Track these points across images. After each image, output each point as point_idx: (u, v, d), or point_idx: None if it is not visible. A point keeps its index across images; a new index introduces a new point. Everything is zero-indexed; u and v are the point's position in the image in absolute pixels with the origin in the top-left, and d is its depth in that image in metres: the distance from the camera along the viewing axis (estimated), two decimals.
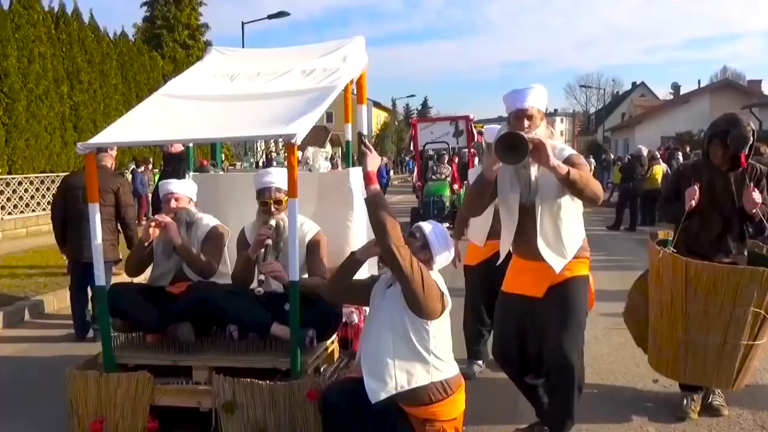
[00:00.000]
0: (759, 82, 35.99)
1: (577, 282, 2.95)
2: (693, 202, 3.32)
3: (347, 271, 2.82)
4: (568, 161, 2.78)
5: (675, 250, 3.40)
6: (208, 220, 3.81)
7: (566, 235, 2.89)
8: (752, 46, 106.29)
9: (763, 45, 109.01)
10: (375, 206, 2.51)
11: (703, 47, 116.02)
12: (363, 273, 3.12)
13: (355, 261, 2.80)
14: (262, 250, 3.42)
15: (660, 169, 12.80)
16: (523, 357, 3.07)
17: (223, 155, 18.05)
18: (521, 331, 3.01)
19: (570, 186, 2.66)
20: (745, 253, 3.50)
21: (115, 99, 16.03)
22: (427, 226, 2.69)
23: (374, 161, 2.58)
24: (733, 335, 3.26)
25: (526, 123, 2.80)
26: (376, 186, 2.54)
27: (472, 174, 4.33)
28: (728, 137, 3.28)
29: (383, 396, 2.53)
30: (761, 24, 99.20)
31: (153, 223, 3.53)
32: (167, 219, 3.53)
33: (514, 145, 2.54)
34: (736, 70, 54.27)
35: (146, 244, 3.61)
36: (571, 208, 2.92)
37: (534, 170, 2.81)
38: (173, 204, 3.74)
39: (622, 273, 7.92)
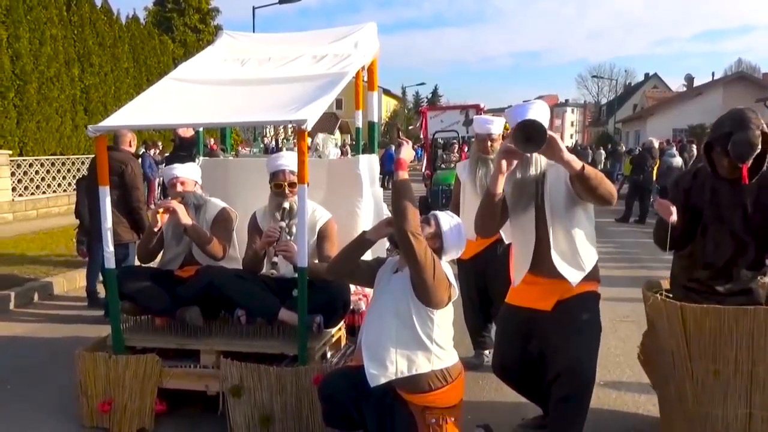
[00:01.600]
0: None
1: (590, 297, 2.82)
2: (673, 218, 2.71)
3: (355, 251, 2.80)
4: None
5: (668, 294, 2.82)
6: (217, 204, 3.81)
7: (581, 246, 2.77)
8: (767, 38, 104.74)
9: None
10: (400, 191, 2.52)
11: (718, 39, 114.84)
12: (367, 255, 3.10)
13: (365, 240, 2.78)
14: (276, 234, 3.42)
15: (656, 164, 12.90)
16: (525, 370, 2.98)
17: (232, 140, 18.06)
18: (524, 345, 2.92)
19: (584, 182, 2.52)
20: (761, 279, 2.79)
21: (125, 82, 16.06)
22: (443, 217, 2.67)
23: (408, 151, 2.69)
24: (761, 405, 2.51)
25: None
26: (405, 173, 2.60)
27: (461, 168, 4.24)
28: (729, 142, 2.60)
29: (383, 381, 2.54)
30: None
31: (161, 210, 3.53)
32: (174, 203, 3.54)
33: (529, 137, 2.48)
34: (751, 62, 53.57)
35: (155, 230, 3.62)
36: (585, 220, 2.79)
37: (545, 182, 2.72)
38: (179, 188, 3.74)
39: (630, 264, 7.95)
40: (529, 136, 2.49)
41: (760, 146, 2.59)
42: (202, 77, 3.84)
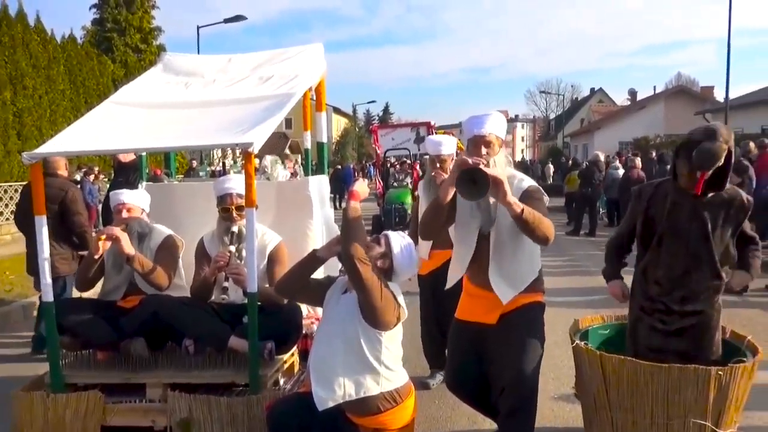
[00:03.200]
0: (711, 88, 37.48)
1: (533, 308, 2.91)
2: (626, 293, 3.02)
3: (306, 269, 2.82)
4: (525, 194, 2.75)
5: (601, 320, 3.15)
6: (162, 231, 3.75)
7: (519, 266, 2.87)
8: (704, 53, 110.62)
9: (715, 51, 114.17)
10: (349, 218, 2.61)
11: (659, 53, 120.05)
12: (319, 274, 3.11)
13: (315, 258, 2.81)
14: (225, 259, 3.40)
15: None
16: (479, 386, 3.02)
17: (195, 164, 17.73)
18: (475, 360, 2.97)
19: (521, 224, 2.63)
20: (718, 302, 2.87)
21: (62, 105, 15.59)
22: (395, 238, 2.72)
23: (362, 186, 2.80)
24: None
25: (484, 150, 2.79)
26: (357, 202, 2.69)
27: (420, 187, 4.31)
28: (695, 150, 2.67)
29: (331, 404, 2.55)
30: (713, 31, 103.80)
31: (103, 236, 3.45)
32: (117, 230, 3.46)
33: (475, 180, 2.54)
34: (690, 76, 56.64)
35: (96, 257, 3.53)
36: (528, 239, 2.86)
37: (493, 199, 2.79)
38: (124, 214, 3.67)
39: (581, 277, 8.18)
40: (474, 179, 2.53)
41: (722, 161, 2.67)
42: (145, 100, 3.79)
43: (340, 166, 25.45)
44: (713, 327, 2.88)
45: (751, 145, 9.72)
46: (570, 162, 19.37)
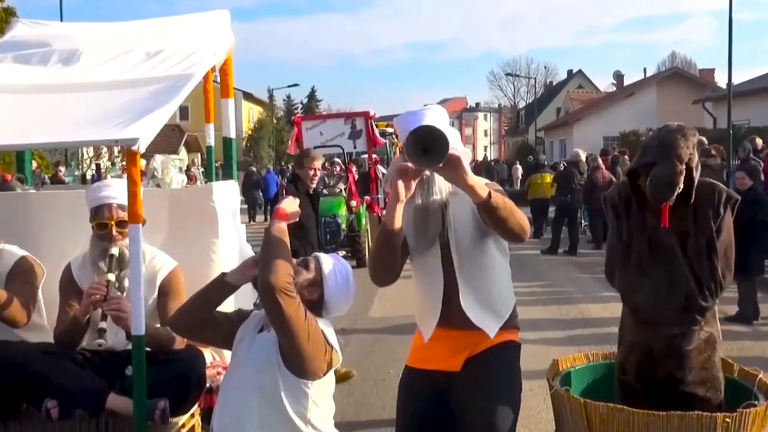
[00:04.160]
0: (711, 71, 39.67)
1: (507, 348, 2.95)
2: None
3: (210, 298, 2.80)
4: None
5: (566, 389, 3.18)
6: (14, 252, 3.68)
7: (496, 288, 2.93)
8: (702, 28, 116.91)
9: (715, 27, 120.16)
10: (271, 237, 2.62)
11: (647, 28, 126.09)
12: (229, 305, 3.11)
13: (223, 285, 2.79)
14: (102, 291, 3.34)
15: (548, 177, 14.62)
16: None
17: (34, 166, 17.19)
18: (433, 417, 2.98)
19: (491, 213, 2.63)
20: (713, 328, 3.09)
21: None
22: (326, 260, 2.73)
23: (291, 204, 2.80)
24: None
25: None
26: (283, 223, 2.70)
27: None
28: (649, 176, 2.92)
29: None
30: (711, 2, 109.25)
31: None
32: None
33: (426, 148, 2.53)
34: (686, 56, 59.68)
35: None
36: (497, 254, 2.94)
37: (448, 212, 2.84)
38: None
39: (560, 306, 8.38)
40: (427, 146, 2.54)
41: (681, 185, 2.87)
42: None
43: (254, 169, 25.36)
44: (711, 357, 3.06)
45: (758, 141, 10.30)
46: (534, 161, 19.70)
